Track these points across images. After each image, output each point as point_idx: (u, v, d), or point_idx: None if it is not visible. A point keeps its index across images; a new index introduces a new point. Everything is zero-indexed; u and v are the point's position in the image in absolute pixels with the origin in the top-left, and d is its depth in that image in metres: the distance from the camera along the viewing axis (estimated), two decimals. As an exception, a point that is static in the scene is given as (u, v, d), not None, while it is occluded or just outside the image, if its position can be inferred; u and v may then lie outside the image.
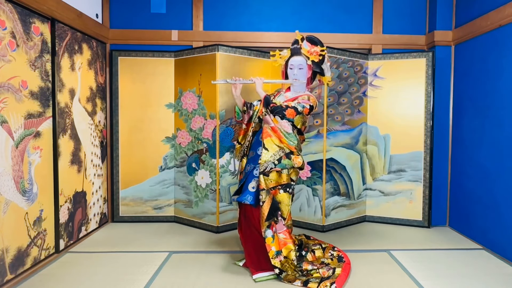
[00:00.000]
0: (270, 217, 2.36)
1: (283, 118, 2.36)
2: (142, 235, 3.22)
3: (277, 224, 2.39)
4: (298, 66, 2.51)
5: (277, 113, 2.36)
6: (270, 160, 2.34)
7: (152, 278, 2.37)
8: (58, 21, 2.73)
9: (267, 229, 2.36)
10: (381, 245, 3.00)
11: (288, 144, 2.37)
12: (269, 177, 2.35)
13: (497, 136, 2.89)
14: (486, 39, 3.05)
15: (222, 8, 3.71)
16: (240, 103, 2.59)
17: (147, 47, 3.66)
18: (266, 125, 2.42)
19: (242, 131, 2.64)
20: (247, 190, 2.45)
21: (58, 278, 2.37)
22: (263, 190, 2.35)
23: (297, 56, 2.54)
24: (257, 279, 2.35)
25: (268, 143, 2.37)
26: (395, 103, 3.52)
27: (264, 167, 2.34)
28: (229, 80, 2.51)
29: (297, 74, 2.51)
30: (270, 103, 2.39)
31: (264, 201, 2.35)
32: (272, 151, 2.36)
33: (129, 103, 3.56)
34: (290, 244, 2.39)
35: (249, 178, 2.48)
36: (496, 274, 2.47)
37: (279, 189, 2.38)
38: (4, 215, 2.18)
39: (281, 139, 2.37)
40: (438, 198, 3.58)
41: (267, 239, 2.35)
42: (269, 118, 2.39)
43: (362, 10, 3.75)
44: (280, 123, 2.37)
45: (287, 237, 2.40)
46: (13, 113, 2.26)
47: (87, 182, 3.19)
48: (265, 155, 2.35)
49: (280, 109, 2.36)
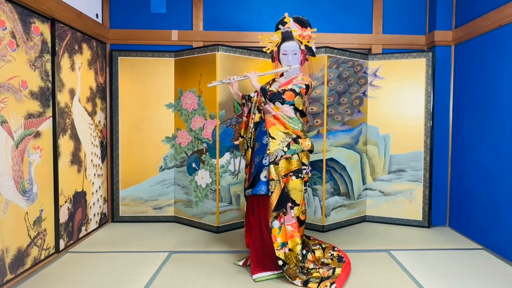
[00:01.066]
0: (279, 208, 2.34)
1: (283, 103, 2.34)
2: (142, 235, 3.22)
3: (285, 215, 2.36)
4: (292, 52, 2.48)
5: (276, 99, 2.35)
6: (279, 148, 2.33)
7: (152, 278, 2.37)
8: (58, 21, 2.73)
9: (274, 219, 2.34)
10: (381, 245, 3.00)
11: (293, 129, 2.37)
12: (279, 165, 2.34)
13: (497, 136, 2.89)
14: (486, 39, 3.05)
15: (222, 8, 3.71)
16: (239, 98, 2.60)
17: (147, 47, 3.66)
18: (268, 114, 2.41)
19: (243, 124, 2.63)
20: (260, 181, 2.42)
21: (58, 278, 2.37)
22: (272, 180, 2.33)
23: (290, 41, 2.50)
24: (257, 279, 2.34)
25: (273, 131, 2.36)
26: (395, 103, 3.52)
27: (274, 156, 2.33)
28: (224, 80, 2.51)
29: (291, 60, 2.49)
30: (267, 92, 2.38)
31: (272, 191, 2.33)
32: (279, 139, 2.35)
33: (129, 103, 3.56)
34: (297, 238, 2.36)
35: (259, 169, 2.45)
36: (496, 274, 2.47)
37: (291, 176, 2.36)
38: (4, 215, 2.18)
39: (285, 125, 2.36)
40: (438, 198, 3.58)
41: (273, 230, 2.33)
42: (269, 107, 2.38)
43: (362, 10, 3.75)
44: (281, 109, 2.35)
45: (295, 230, 2.37)
46: (13, 113, 2.26)
47: (87, 182, 3.19)
48: (272, 144, 2.34)
49: (278, 94, 2.35)
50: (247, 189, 2.53)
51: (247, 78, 2.49)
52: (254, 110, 2.57)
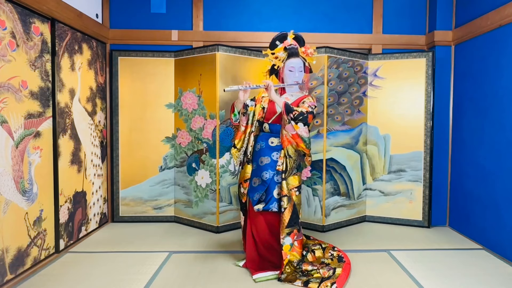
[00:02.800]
0: (292, 224, 2.37)
1: (305, 124, 2.32)
2: (142, 235, 3.22)
3: (299, 232, 2.43)
4: (298, 69, 2.47)
5: (300, 120, 2.30)
6: (294, 166, 2.40)
7: (152, 278, 2.37)
8: (58, 21, 2.73)
9: (287, 236, 2.36)
10: (381, 245, 3.00)
11: (304, 148, 2.37)
12: (288, 181, 2.39)
13: (497, 136, 2.89)
14: (486, 39, 3.05)
15: (222, 8, 3.71)
16: (241, 106, 2.54)
17: (147, 47, 3.66)
18: (285, 132, 2.37)
19: (239, 134, 2.57)
20: (273, 198, 2.41)
21: (58, 278, 2.37)
22: (285, 196, 2.36)
23: (296, 57, 2.47)
24: (257, 279, 2.35)
25: (290, 150, 2.39)
26: (395, 103, 3.52)
27: (290, 173, 2.39)
28: (240, 87, 2.37)
29: (298, 76, 2.48)
30: (292, 111, 2.31)
31: (286, 207, 2.36)
32: (294, 157, 2.40)
33: (129, 103, 3.56)
34: (297, 254, 2.42)
35: (271, 185, 2.42)
36: (496, 274, 2.48)
37: (295, 191, 2.40)
38: (4, 215, 2.18)
39: (299, 144, 2.35)
40: (438, 198, 3.58)
41: (285, 247, 2.36)
42: (291, 126, 2.33)
43: (362, 10, 3.75)
44: (303, 130, 2.32)
45: (298, 246, 2.43)
46: (13, 113, 2.26)
47: (87, 182, 3.19)
48: (290, 162, 2.38)
49: (302, 115, 2.29)
50: (256, 203, 2.43)
51: (265, 87, 2.37)
52: (253, 121, 2.53)
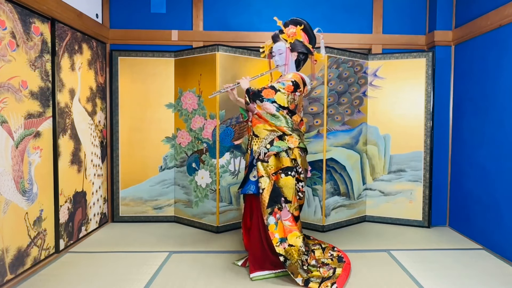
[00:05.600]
0: (272, 204, 2.35)
1: (262, 100, 2.38)
2: (142, 235, 3.22)
3: (281, 211, 2.37)
4: (278, 52, 2.55)
5: (255, 97, 2.39)
6: (262, 145, 2.38)
7: (152, 278, 2.37)
8: (58, 21, 2.73)
9: (269, 216, 2.34)
10: (381, 245, 3.00)
11: (276, 126, 2.39)
12: (268, 163, 2.38)
13: (497, 136, 2.89)
14: (486, 39, 3.05)
15: (222, 8, 3.71)
16: (242, 105, 2.60)
17: (147, 47, 3.66)
18: (251, 113, 2.47)
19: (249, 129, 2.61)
20: (249, 180, 2.48)
21: (58, 278, 2.37)
22: (262, 177, 2.36)
23: (277, 42, 2.57)
24: (254, 278, 2.35)
25: (257, 129, 2.42)
26: (395, 103, 3.52)
27: (258, 153, 2.38)
28: (221, 90, 2.59)
29: (278, 60, 2.56)
30: (250, 92, 2.42)
31: (263, 188, 2.35)
32: (262, 136, 2.40)
33: (129, 103, 3.56)
34: (296, 231, 2.37)
35: (249, 168, 2.50)
36: (496, 274, 2.48)
37: (280, 173, 2.39)
38: (4, 215, 2.18)
39: (268, 122, 2.40)
40: (438, 198, 3.58)
41: (270, 226, 2.33)
42: (253, 106, 2.42)
43: (362, 10, 3.75)
44: (262, 107, 2.39)
45: (292, 225, 2.38)
46: (13, 113, 2.26)
47: (87, 182, 3.19)
48: (256, 142, 2.40)
49: (256, 92, 2.39)
50: (239, 188, 2.59)
51: (239, 85, 2.54)
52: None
